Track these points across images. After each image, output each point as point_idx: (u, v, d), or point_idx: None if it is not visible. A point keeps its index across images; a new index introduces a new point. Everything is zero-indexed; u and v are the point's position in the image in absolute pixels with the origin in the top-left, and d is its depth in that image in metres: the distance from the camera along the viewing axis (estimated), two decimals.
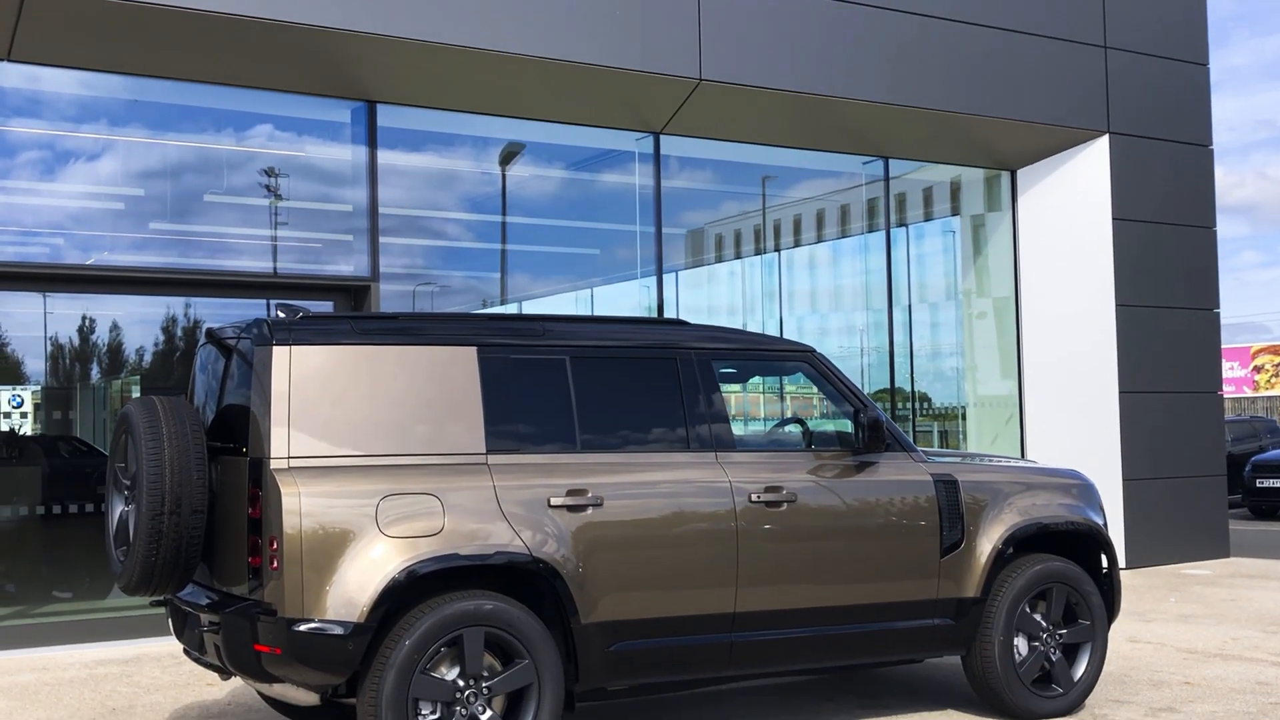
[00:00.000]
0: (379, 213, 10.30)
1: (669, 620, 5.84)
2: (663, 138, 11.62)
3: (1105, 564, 7.01)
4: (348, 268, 10.48)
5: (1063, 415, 13.23)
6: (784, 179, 13.37)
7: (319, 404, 5.42)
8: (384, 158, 10.38)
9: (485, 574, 5.57)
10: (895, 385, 13.33)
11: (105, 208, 10.08)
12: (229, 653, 5.39)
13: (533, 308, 12.07)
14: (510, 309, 11.83)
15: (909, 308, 13.54)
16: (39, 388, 10.39)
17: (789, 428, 8.08)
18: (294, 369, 5.42)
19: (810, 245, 14.19)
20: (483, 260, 12.03)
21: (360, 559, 5.27)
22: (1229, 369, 39.37)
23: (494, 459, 5.65)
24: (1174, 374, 13.21)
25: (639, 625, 5.77)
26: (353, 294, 10.33)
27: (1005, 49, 12.28)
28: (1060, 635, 6.74)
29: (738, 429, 6.41)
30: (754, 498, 6.07)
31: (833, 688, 7.47)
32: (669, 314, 11.60)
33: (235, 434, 5.61)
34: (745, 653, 6.05)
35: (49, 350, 10.22)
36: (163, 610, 6.28)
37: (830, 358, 6.99)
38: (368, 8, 9.18)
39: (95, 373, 10.61)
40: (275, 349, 5.43)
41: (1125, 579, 10.91)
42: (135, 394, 10.27)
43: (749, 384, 11.91)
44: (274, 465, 5.29)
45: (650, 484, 5.92)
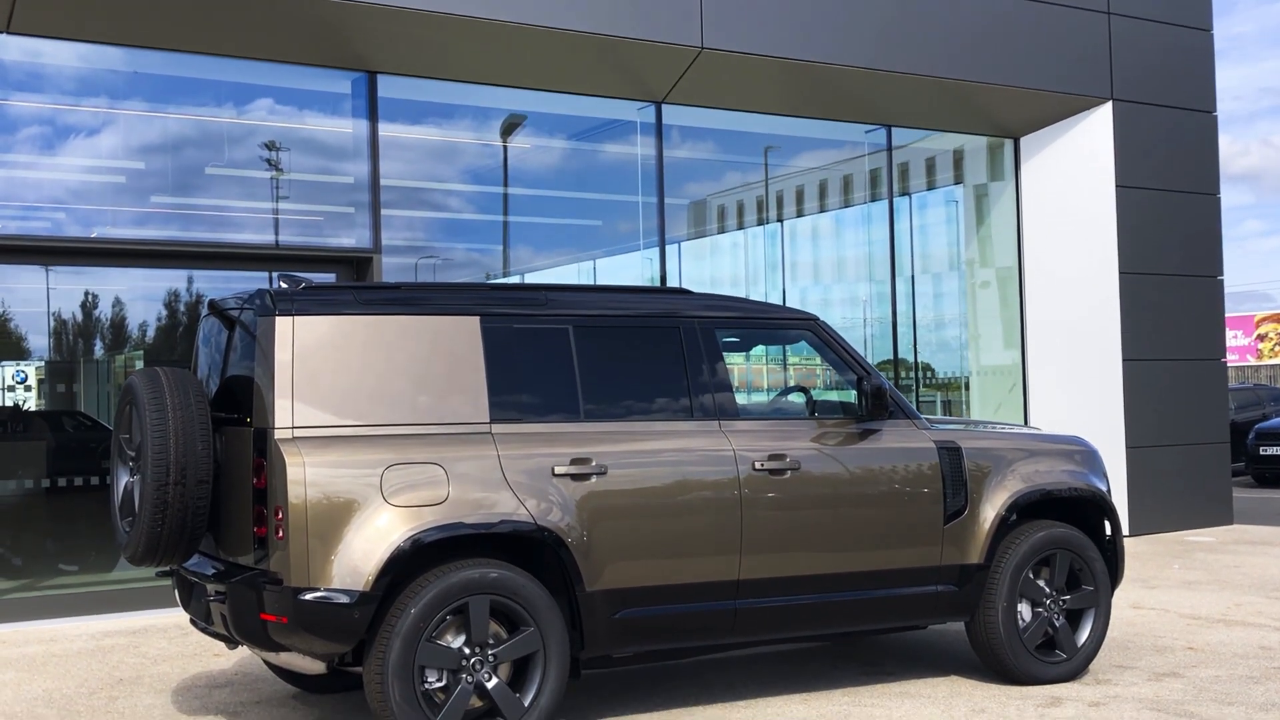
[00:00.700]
0: (380, 185, 10.28)
1: (673, 588, 5.86)
2: (665, 107, 11.57)
3: (1109, 530, 7.01)
4: (349, 240, 10.47)
5: (1066, 384, 13.22)
6: (786, 149, 13.32)
7: (322, 374, 5.43)
8: (385, 129, 10.34)
9: (490, 543, 5.58)
10: (899, 356, 13.32)
11: (106, 181, 10.05)
12: (235, 622, 5.42)
13: (535, 280, 12.05)
14: (513, 281, 11.82)
15: (912, 278, 13.51)
16: (43, 363, 10.40)
17: (792, 396, 8.08)
18: (297, 339, 5.42)
19: (813, 216, 14.15)
20: (485, 232, 12.01)
21: (365, 528, 5.28)
22: (1232, 338, 39.28)
23: (498, 428, 5.66)
24: (1177, 341, 13.19)
25: (643, 593, 5.79)
26: (355, 266, 10.32)
27: (1008, 15, 12.21)
28: (1064, 601, 6.75)
29: (741, 399, 6.41)
30: (757, 465, 6.08)
31: (837, 655, 7.50)
32: (672, 285, 11.57)
33: (239, 405, 5.62)
34: (749, 619, 6.07)
35: (52, 326, 10.23)
36: (169, 581, 6.32)
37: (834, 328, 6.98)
38: None
39: (98, 348, 10.61)
40: (278, 319, 5.43)
41: (1129, 546, 10.94)
42: (139, 368, 10.28)
43: (752, 354, 11.91)
44: (278, 435, 5.30)
45: (654, 452, 5.93)
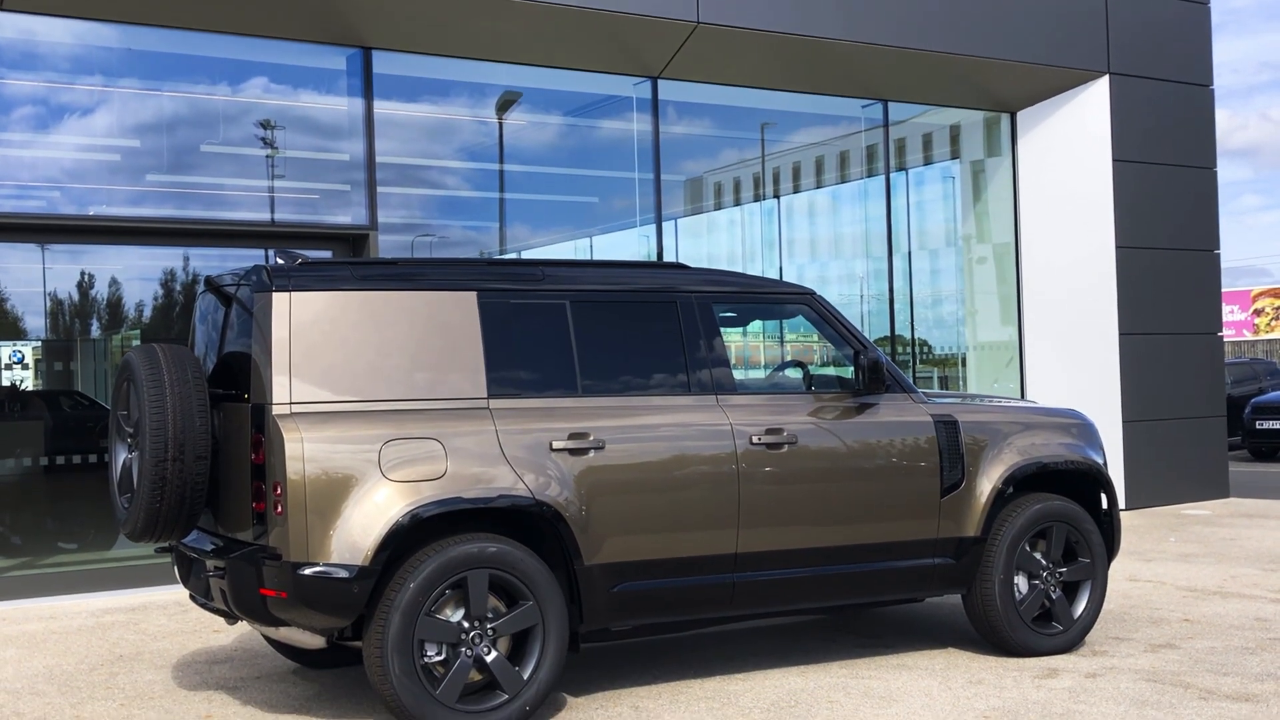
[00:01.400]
0: (376, 162, 10.27)
1: (672, 561, 5.88)
2: (661, 83, 11.54)
3: (1105, 503, 7.03)
4: (345, 218, 10.45)
5: (1063, 358, 13.24)
6: (783, 125, 13.29)
7: (320, 349, 5.43)
8: (380, 106, 10.32)
9: (488, 517, 5.59)
10: (895, 332, 13.32)
11: (102, 159, 10.03)
12: (235, 597, 5.44)
13: (532, 257, 12.03)
14: (510, 258, 11.81)
15: (909, 254, 13.50)
16: (39, 342, 10.39)
17: (789, 371, 8.08)
18: (294, 314, 5.42)
19: (810, 192, 14.12)
20: (481, 210, 11.99)
21: (364, 503, 5.29)
22: (1229, 312, 39.30)
23: (495, 403, 5.66)
24: (1174, 316, 13.20)
25: (642, 566, 5.81)
26: (351, 243, 10.31)
27: None
28: (1060, 573, 6.77)
29: (738, 374, 6.41)
30: (755, 440, 6.09)
31: (834, 628, 7.53)
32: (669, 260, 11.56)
33: (237, 381, 5.62)
34: (747, 593, 6.09)
35: (49, 305, 10.21)
36: (168, 558, 6.33)
37: None
38: None
39: (95, 327, 10.60)
40: (275, 295, 5.43)
41: (1125, 519, 10.97)
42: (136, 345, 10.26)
43: (749, 330, 11.91)
44: (276, 411, 5.30)
45: (651, 427, 5.93)
